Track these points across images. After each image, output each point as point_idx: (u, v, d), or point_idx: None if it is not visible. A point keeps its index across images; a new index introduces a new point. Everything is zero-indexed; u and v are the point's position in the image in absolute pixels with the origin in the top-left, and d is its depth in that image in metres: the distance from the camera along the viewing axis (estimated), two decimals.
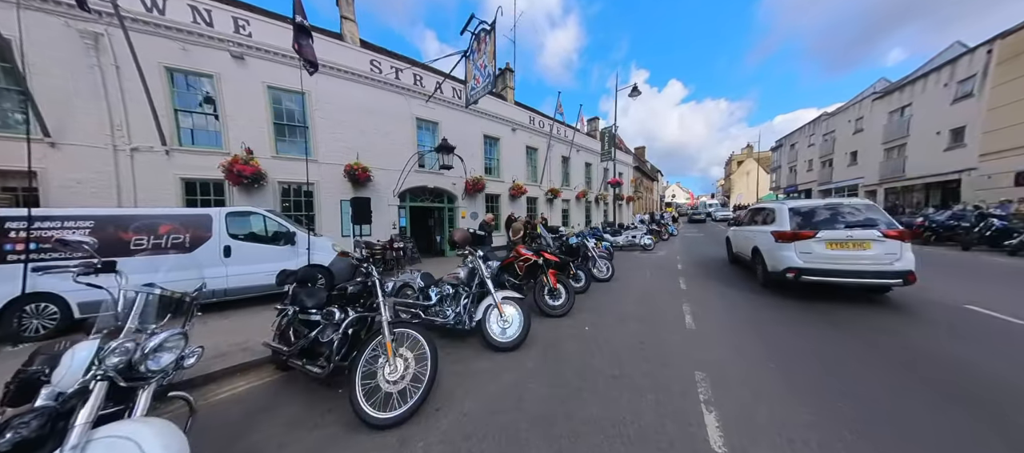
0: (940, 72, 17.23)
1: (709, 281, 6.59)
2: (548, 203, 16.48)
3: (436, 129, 12.08)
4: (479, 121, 13.20)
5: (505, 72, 17.54)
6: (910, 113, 19.04)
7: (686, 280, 6.71)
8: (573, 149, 18.53)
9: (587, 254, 7.04)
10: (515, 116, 14.63)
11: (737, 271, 7.79)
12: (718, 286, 6.11)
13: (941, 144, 17.01)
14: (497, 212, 14.12)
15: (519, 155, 14.99)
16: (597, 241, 9.02)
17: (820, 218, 4.93)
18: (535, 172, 16.05)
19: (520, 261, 4.82)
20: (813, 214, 5.01)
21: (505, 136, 14.17)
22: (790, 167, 35.17)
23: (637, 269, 8.17)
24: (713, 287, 6.06)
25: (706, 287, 6.10)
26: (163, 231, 5.52)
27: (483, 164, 13.44)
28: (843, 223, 4.76)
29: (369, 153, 10.57)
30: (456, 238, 4.36)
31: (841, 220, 4.81)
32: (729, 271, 7.80)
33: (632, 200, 29.45)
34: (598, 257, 7.04)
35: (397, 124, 11.13)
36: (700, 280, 6.70)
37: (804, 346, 3.35)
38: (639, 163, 34.84)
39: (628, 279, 6.99)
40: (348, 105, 10.25)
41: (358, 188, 10.32)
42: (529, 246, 5.08)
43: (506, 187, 14.09)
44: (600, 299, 5.38)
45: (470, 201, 12.93)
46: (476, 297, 3.84)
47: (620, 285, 6.37)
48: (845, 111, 25.43)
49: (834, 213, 4.92)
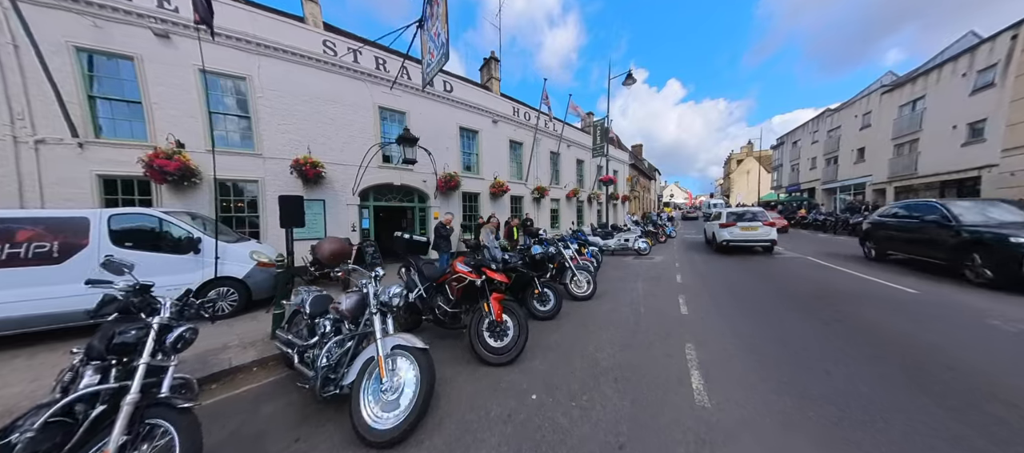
0: (957, 61, 16.02)
1: (718, 301, 5.28)
2: (535, 203, 15.25)
3: (403, 119, 10.84)
4: (454, 111, 11.97)
5: (490, 62, 16.34)
6: (923, 106, 17.83)
7: (688, 300, 5.40)
8: (562, 144, 17.28)
9: (564, 265, 5.86)
10: (496, 107, 13.38)
11: (748, 279, 6.64)
12: (731, 309, 4.81)
13: (958, 139, 15.81)
14: (476, 213, 12.92)
15: (502, 150, 13.76)
16: (580, 246, 7.81)
17: (739, 214, 10.96)
18: (520, 169, 14.82)
19: (453, 281, 3.60)
20: (737, 214, 10.97)
21: (485, 129, 12.94)
22: (792, 165, 33.98)
23: (627, 281, 6.96)
24: (724, 311, 4.72)
25: (716, 311, 4.76)
26: (22, 238, 4.34)
27: (460, 159, 12.21)
28: (748, 217, 10.65)
29: (324, 147, 9.38)
30: (323, 253, 3.14)
31: (747, 217, 10.70)
32: (740, 281, 6.57)
33: (628, 200, 28.22)
34: (577, 269, 5.83)
35: (357, 114, 9.91)
36: (705, 300, 5.40)
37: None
38: (636, 161, 33.61)
39: (614, 296, 5.75)
40: (298, 92, 9.04)
41: (311, 187, 9.13)
42: (471, 258, 3.85)
43: (486, 185, 12.87)
44: (571, 331, 4.14)
45: (444, 201, 11.71)
46: (362, 340, 2.62)
47: (602, 307, 5.12)
48: (851, 106, 24.21)
49: (744, 213, 10.93)
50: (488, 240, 4.72)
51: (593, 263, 6.67)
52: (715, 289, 6.10)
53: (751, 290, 5.90)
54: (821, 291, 5.67)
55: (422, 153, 10.39)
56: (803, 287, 5.98)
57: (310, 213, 9.45)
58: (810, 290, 5.76)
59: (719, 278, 6.97)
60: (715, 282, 6.69)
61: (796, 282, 6.39)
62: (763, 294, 5.61)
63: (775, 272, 7.31)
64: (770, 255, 9.77)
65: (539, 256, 4.81)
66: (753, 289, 5.96)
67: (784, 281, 6.47)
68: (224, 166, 8.13)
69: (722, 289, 6.09)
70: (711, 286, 6.35)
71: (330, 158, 9.48)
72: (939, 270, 6.61)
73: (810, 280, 6.50)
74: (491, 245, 3.94)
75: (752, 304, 5.04)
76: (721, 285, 6.41)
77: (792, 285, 6.15)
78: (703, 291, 5.97)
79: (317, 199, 9.47)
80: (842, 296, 5.30)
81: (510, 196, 13.94)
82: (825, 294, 5.46)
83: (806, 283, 6.29)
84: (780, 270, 7.53)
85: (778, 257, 9.31)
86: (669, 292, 5.94)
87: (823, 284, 6.16)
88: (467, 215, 12.75)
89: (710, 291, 5.96)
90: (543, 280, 4.66)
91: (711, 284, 6.53)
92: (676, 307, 5.01)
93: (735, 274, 7.32)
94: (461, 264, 3.64)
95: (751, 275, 7.16)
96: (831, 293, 5.52)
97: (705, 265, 8.68)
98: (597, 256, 7.87)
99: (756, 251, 10.58)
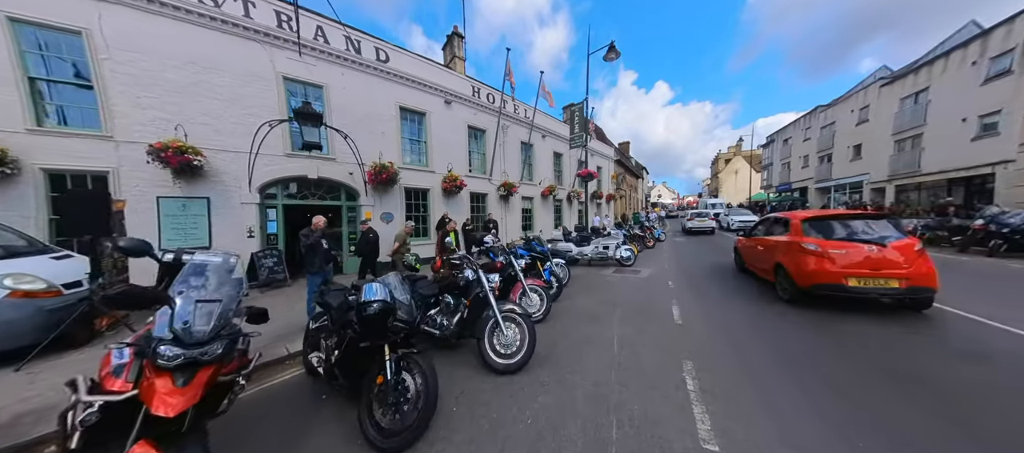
0: (966, 48, 14.56)
1: (761, 383, 2.83)
2: (502, 201, 13.18)
3: (321, 96, 8.65)
4: (392, 87, 9.79)
5: (453, 39, 14.21)
6: (927, 99, 16.40)
7: (701, 371, 3.04)
8: (535, 134, 15.19)
9: (485, 301, 3.41)
10: (450, 84, 11.21)
11: (796, 323, 4.09)
12: (793, 408, 2.46)
13: (967, 133, 14.36)
14: (426, 212, 10.78)
15: (458, 137, 11.62)
16: (536, 261, 5.75)
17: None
18: (484, 161, 12.73)
19: None
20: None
21: (435, 110, 10.78)
22: (783, 163, 32.73)
23: (599, 320, 4.45)
24: (782, 418, 2.35)
25: (749, 390, 2.69)
26: None
27: (400, 147, 10.04)
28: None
29: (206, 129, 7.22)
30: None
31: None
32: (778, 326, 4.03)
33: (613, 198, 26.41)
34: (503, 318, 3.27)
35: (251, 86, 7.68)
36: (734, 372, 3.03)
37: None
38: (623, 158, 31.89)
39: (571, 360, 3.36)
40: (165, 54, 6.81)
41: (189, 180, 6.96)
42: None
43: (437, 179, 10.74)
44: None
45: (380, 198, 9.55)
46: None
47: (533, 404, 2.62)
48: (847, 100, 22.85)
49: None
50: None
51: (545, 291, 4.63)
52: (742, 344, 3.59)
53: (812, 352, 3.35)
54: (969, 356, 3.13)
55: (341, 138, 8.23)
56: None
57: (187, 215, 7.27)
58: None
59: (740, 317, 4.35)
60: (735, 323, 4.19)
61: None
62: (843, 363, 3.08)
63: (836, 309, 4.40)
64: None
65: (377, 308, 2.45)
66: (814, 350, 3.40)
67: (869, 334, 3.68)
68: (59, 151, 6.00)
69: (759, 347, 3.50)
70: (736, 337, 3.81)
71: (216, 143, 7.29)
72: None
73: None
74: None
75: (836, 391, 2.61)
76: (749, 333, 3.89)
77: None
78: (725, 349, 3.51)
79: (198, 196, 7.26)
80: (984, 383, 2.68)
81: (469, 193, 11.84)
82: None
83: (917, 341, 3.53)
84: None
85: None
86: (665, 348, 3.54)
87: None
88: (419, 217, 10.62)
89: (737, 349, 3.50)
90: (402, 352, 2.47)
91: (735, 333, 3.90)
92: (683, 401, 2.56)
93: (764, 307, 4.68)
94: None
95: (798, 314, 4.37)
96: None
97: (709, 284, 6.60)
98: (556, 276, 5.76)
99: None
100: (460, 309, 3.57)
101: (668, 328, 4.13)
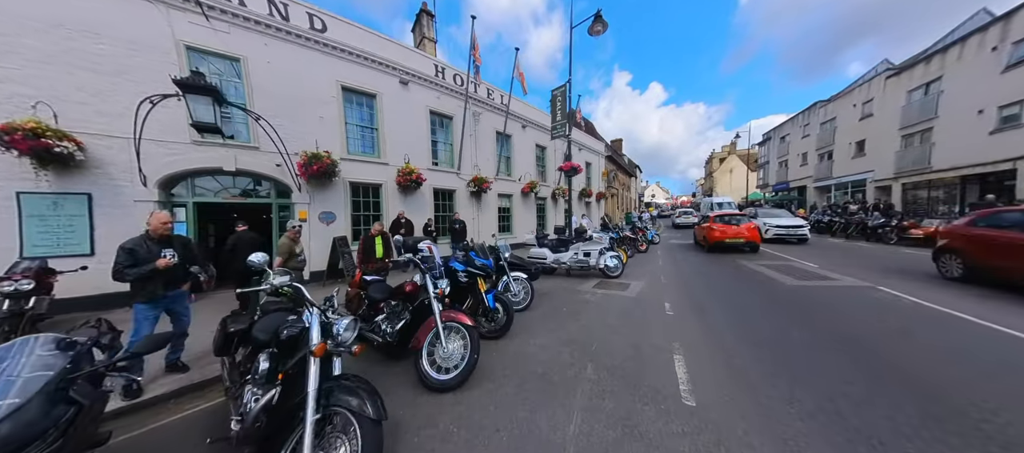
0: (984, 34, 13.33)
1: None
2: (473, 199, 11.71)
3: (240, 71, 7.14)
4: (332, 63, 8.27)
5: (422, 17, 12.75)
6: (939, 90, 15.18)
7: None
8: (514, 123, 13.71)
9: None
10: (406, 61, 9.66)
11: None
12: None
13: (985, 125, 13.14)
14: (379, 211, 9.30)
15: (417, 124, 10.11)
16: (473, 279, 4.24)
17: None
18: (451, 153, 11.24)
19: None
20: None
21: (388, 92, 9.27)
22: (780, 162, 31.61)
23: (550, 386, 2.86)
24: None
25: None
26: None
27: (344, 133, 8.53)
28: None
29: (85, 109, 5.85)
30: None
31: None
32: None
33: (604, 197, 25.03)
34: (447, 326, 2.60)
35: (142, 56, 6.18)
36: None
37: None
38: (614, 154, 30.54)
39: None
40: (19, 15, 5.32)
41: (62, 173, 5.50)
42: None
43: (391, 172, 9.24)
44: None
45: (317, 194, 8.05)
46: None
47: None
48: (849, 94, 21.67)
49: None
50: None
51: (470, 334, 2.99)
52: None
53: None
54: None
55: (270, 122, 6.73)
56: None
57: (60, 215, 5.84)
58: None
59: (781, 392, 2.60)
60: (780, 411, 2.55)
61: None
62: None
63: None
64: (818, 282, 6.26)
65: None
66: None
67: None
68: None
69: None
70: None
71: (98, 127, 5.91)
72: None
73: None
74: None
75: None
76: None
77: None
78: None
79: (75, 193, 5.83)
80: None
81: (431, 189, 10.36)
82: None
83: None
84: (876, 318, 4.14)
85: (835, 285, 5.93)
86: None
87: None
88: (370, 217, 9.13)
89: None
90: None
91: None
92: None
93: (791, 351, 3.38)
94: None
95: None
96: None
97: (715, 303, 5.14)
98: (503, 303, 4.02)
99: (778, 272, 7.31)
100: (403, 316, 3.16)
101: (673, 418, 2.36)
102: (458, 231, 9.78)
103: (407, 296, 3.27)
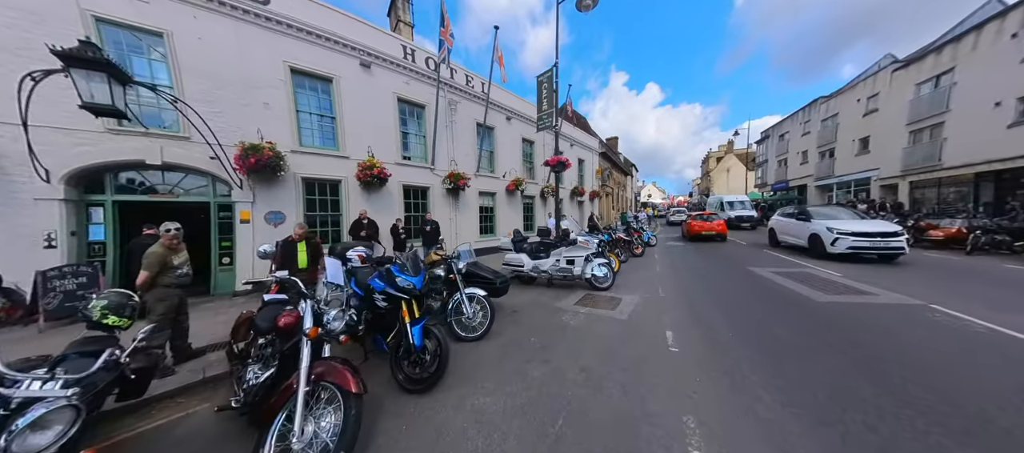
0: (1003, 20, 12.43)
1: None
2: (449, 196, 10.68)
3: (163, 46, 6.10)
4: (279, 41, 7.20)
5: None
6: (951, 81, 14.30)
7: None
8: (497, 113, 12.69)
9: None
10: (369, 40, 8.57)
11: None
12: None
13: (1003, 119, 12.25)
14: (338, 210, 8.27)
15: (383, 113, 9.04)
16: (403, 302, 3.23)
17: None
18: (424, 146, 10.21)
19: None
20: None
21: (347, 75, 8.20)
22: (779, 160, 30.77)
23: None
24: None
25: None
26: None
27: (295, 123, 7.48)
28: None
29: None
30: None
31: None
32: None
33: (598, 196, 24.06)
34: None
35: (34, 26, 5.13)
36: None
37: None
38: (610, 152, 29.58)
39: None
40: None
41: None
42: None
43: (352, 167, 8.20)
44: None
45: (265, 192, 7.01)
46: None
47: None
48: (851, 90, 20.80)
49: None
50: None
51: (350, 407, 1.92)
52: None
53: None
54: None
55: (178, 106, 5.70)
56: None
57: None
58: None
59: None
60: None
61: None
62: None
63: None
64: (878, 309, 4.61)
65: None
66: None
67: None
68: None
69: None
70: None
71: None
72: None
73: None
74: None
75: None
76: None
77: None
78: None
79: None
80: None
81: (400, 185, 9.32)
82: None
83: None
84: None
85: (876, 303, 4.75)
86: None
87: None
88: (327, 217, 8.11)
89: None
90: None
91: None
92: None
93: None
94: None
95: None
96: None
97: (731, 332, 3.93)
98: (438, 337, 2.86)
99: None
100: (271, 363, 2.34)
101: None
102: (430, 234, 8.76)
103: (281, 333, 2.26)
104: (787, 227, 10.38)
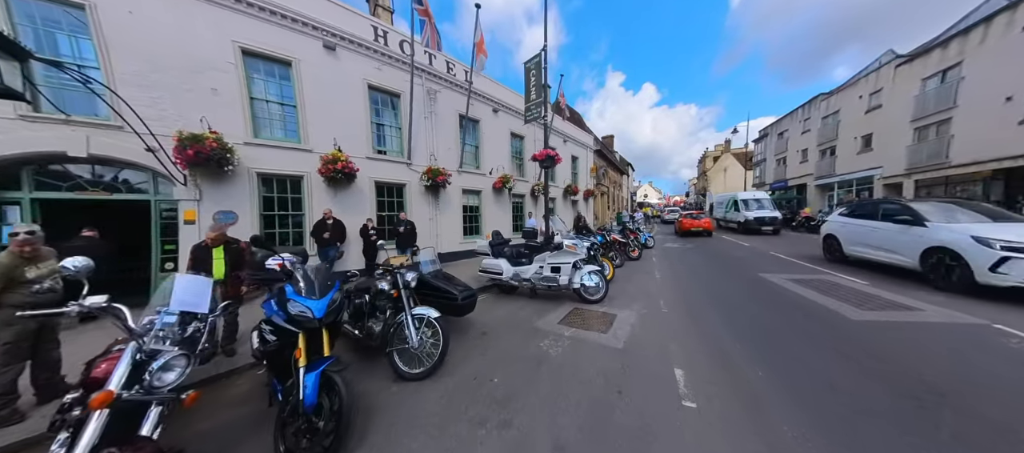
0: (1014, 12, 11.82)
1: None
2: (428, 194, 9.94)
3: (85, 22, 5.34)
4: (228, 18, 6.43)
5: None
6: (958, 76, 13.69)
7: None
8: (480, 104, 11.92)
9: None
10: (334, 20, 7.76)
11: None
12: None
13: (1014, 114, 11.66)
14: (300, 209, 7.53)
15: (351, 101, 8.27)
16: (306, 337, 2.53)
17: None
18: (399, 139, 9.46)
19: None
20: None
21: (308, 59, 7.44)
22: (778, 159, 30.23)
23: None
24: None
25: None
26: None
27: (248, 111, 6.71)
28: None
29: None
30: None
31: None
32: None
33: (593, 195, 23.34)
34: None
35: None
36: None
37: None
38: (605, 150, 28.89)
39: None
40: None
41: None
42: None
43: (315, 160, 7.45)
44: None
45: (214, 189, 6.25)
46: None
47: None
48: (854, 85, 20.19)
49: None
50: None
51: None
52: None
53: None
54: None
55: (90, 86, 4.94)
56: None
57: None
58: None
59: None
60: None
61: None
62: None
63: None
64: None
65: None
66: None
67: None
68: None
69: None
70: None
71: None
72: None
73: None
74: None
75: None
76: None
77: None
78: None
79: None
80: None
81: (372, 182, 8.57)
82: None
83: None
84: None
85: (925, 321, 3.95)
86: None
87: None
88: (288, 217, 7.37)
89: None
90: None
91: None
92: None
93: None
94: None
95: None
96: None
97: (751, 351, 3.36)
98: (338, 394, 1.95)
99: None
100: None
101: None
102: (405, 235, 8.05)
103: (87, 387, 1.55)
104: (866, 235, 6.90)
